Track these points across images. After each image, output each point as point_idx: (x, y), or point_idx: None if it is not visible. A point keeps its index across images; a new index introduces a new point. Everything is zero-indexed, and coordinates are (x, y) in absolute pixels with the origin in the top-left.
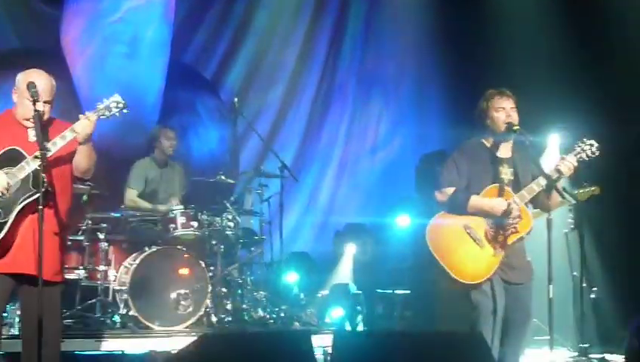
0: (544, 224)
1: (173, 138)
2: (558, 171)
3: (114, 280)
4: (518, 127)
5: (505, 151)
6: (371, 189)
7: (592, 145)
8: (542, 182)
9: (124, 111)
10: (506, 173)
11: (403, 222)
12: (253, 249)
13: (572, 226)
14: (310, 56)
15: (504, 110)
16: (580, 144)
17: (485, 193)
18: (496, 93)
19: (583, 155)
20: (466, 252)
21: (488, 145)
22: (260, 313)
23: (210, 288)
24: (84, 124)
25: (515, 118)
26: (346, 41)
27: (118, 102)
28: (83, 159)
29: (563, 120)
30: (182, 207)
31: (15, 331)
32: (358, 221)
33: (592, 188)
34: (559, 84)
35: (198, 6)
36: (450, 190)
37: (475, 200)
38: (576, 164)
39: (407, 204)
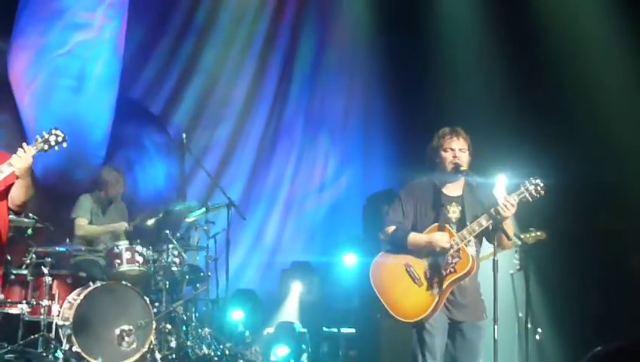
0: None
1: (119, 183)
2: (497, 212)
3: (57, 315)
4: (464, 168)
5: (455, 189)
6: (318, 228)
7: (537, 184)
8: (483, 221)
9: (64, 145)
10: (454, 211)
11: (349, 260)
12: (198, 285)
13: (517, 267)
14: (258, 94)
15: (452, 151)
16: (526, 183)
17: (428, 232)
18: (448, 132)
19: (526, 195)
20: (405, 290)
21: (438, 183)
22: (205, 350)
23: (154, 324)
24: (22, 158)
25: (463, 159)
26: (295, 80)
27: (57, 136)
28: (20, 193)
29: (511, 160)
30: (127, 242)
31: None
32: (305, 259)
33: (539, 233)
34: (507, 125)
35: (146, 42)
36: (392, 228)
37: (414, 236)
38: (514, 203)
39: (354, 242)
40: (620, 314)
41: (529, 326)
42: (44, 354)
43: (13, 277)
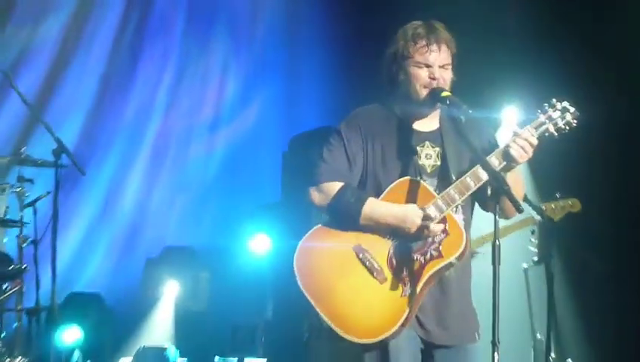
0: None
1: None
2: (507, 156)
3: None
4: (447, 94)
5: (429, 123)
6: (208, 192)
7: (566, 109)
8: (481, 173)
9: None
10: (429, 155)
11: (260, 245)
12: (7, 285)
13: (535, 258)
14: None
15: (429, 68)
16: (548, 110)
17: (391, 192)
18: (421, 35)
19: (549, 126)
20: (356, 291)
21: (400, 114)
22: None
23: None
24: None
25: (445, 79)
26: None
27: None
28: None
29: (523, 90)
30: None
31: None
32: (184, 244)
33: (570, 202)
34: (519, 43)
35: None
36: (335, 186)
37: (374, 206)
38: (533, 141)
39: (267, 214)
40: None
41: (552, 355)
42: None
43: None
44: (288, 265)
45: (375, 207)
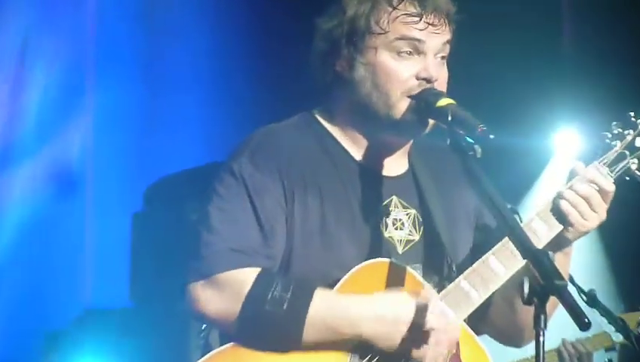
0: None
1: None
2: (559, 216)
3: None
4: (448, 102)
5: (393, 163)
6: None
7: None
8: (513, 252)
9: None
10: (400, 221)
11: None
12: None
13: None
14: None
15: (414, 57)
16: (619, 131)
17: (351, 283)
18: None
19: (624, 165)
20: None
21: (346, 142)
22: None
23: None
24: None
25: (443, 77)
26: None
27: None
28: None
29: (583, 108)
30: None
31: None
32: None
33: None
34: (571, 62)
35: None
36: (243, 276)
37: (331, 302)
38: (611, 187)
39: (92, 339)
40: None
41: None
42: None
43: None
44: None
45: (333, 304)
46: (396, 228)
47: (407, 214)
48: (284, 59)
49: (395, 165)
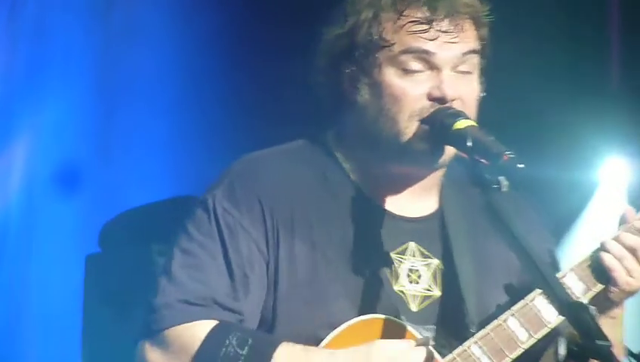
0: None
1: None
2: (600, 273)
3: None
4: (469, 123)
5: (414, 200)
6: None
7: None
8: (545, 312)
9: None
10: (416, 273)
11: None
12: None
13: None
14: None
15: (427, 73)
16: None
17: (340, 340)
18: None
19: None
20: None
21: (353, 173)
22: None
23: None
24: None
25: (467, 96)
26: None
27: None
28: None
29: (626, 142)
30: None
31: None
32: None
33: None
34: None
35: None
36: (197, 331)
37: (297, 357)
38: None
39: None
40: None
41: None
42: None
43: None
44: None
45: (299, 358)
46: (411, 281)
47: (426, 264)
48: (271, 73)
49: (418, 204)
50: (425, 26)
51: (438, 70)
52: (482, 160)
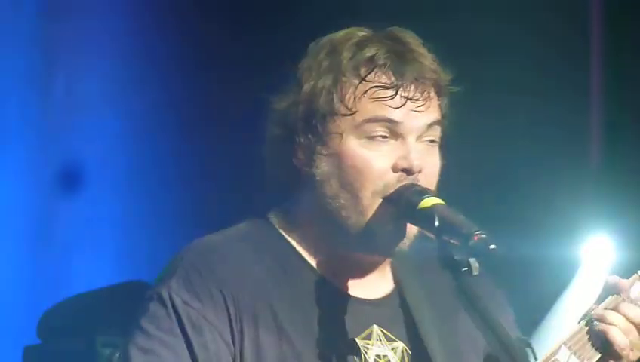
0: None
1: None
2: (601, 343)
3: None
4: (436, 202)
5: (372, 283)
6: None
7: None
8: None
9: None
10: (385, 358)
11: None
12: None
13: None
14: None
15: (390, 142)
16: None
17: None
18: (373, 57)
19: None
20: None
21: (311, 258)
22: None
23: None
24: None
25: (429, 168)
26: None
27: None
28: None
29: (606, 221)
30: None
31: None
32: None
33: None
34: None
35: None
36: None
37: None
38: None
39: None
40: None
41: None
42: None
43: None
44: None
45: None
46: None
47: (392, 349)
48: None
49: (375, 284)
50: (390, 92)
51: (402, 138)
52: (451, 241)
